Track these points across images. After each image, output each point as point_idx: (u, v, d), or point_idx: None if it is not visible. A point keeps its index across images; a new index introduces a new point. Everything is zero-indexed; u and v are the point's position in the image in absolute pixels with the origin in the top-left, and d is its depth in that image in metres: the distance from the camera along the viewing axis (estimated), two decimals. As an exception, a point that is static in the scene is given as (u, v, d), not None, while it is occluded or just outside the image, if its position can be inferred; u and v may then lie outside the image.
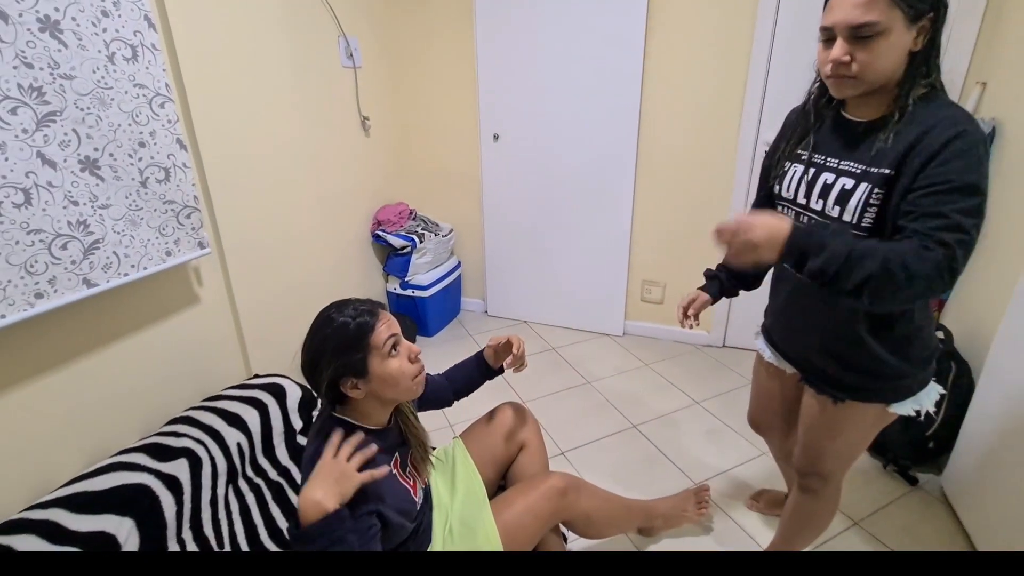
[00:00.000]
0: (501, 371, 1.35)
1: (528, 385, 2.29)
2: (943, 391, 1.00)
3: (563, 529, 1.34)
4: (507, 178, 2.68)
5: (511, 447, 1.34)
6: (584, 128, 2.45)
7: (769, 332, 1.21)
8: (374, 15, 2.40)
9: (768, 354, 1.20)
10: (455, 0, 2.46)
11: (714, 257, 2.55)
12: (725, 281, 1.28)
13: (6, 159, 1.00)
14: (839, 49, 0.82)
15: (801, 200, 0.96)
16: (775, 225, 0.82)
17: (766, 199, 1.15)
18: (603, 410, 2.14)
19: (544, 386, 2.30)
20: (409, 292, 2.64)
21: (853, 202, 0.86)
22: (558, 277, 2.77)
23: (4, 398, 1.09)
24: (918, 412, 0.99)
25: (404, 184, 2.81)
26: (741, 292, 1.31)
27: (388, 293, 2.74)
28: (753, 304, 1.47)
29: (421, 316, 2.69)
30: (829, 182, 0.91)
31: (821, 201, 0.92)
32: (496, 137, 2.62)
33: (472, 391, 1.35)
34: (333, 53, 2.16)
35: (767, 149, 1.15)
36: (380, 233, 2.55)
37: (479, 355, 1.34)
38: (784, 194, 1.01)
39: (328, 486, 0.86)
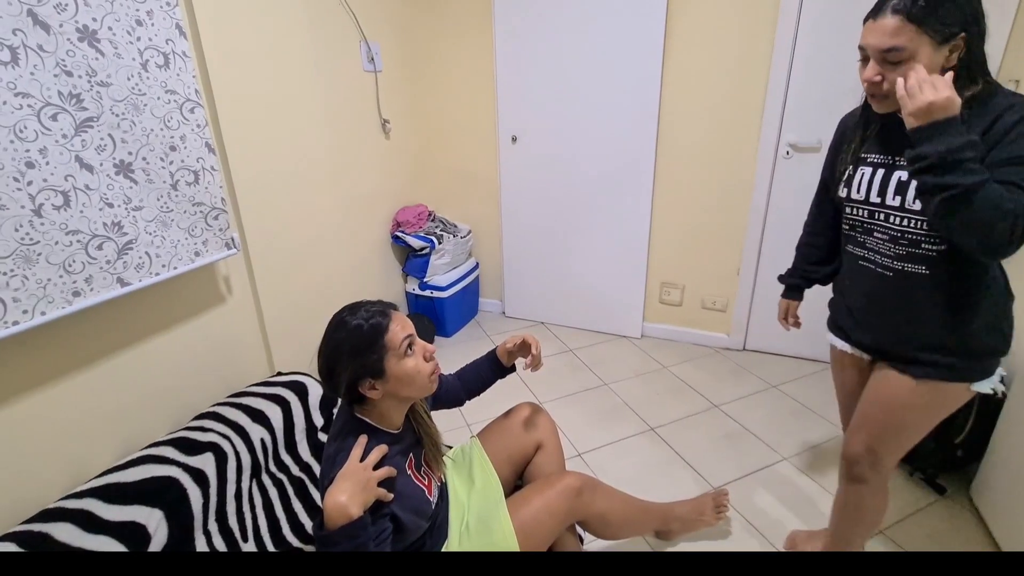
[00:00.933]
0: (512, 370, 1.36)
1: (545, 386, 2.29)
2: (1004, 372, 1.01)
3: (580, 530, 1.34)
4: (525, 180, 2.69)
5: (528, 447, 1.35)
6: (602, 129, 2.45)
7: (840, 322, 1.19)
8: (395, 20, 2.44)
9: (840, 344, 1.20)
10: (474, 4, 2.49)
11: (732, 260, 2.52)
12: (805, 284, 1.35)
13: (47, 163, 1.05)
14: (871, 70, 0.90)
15: (875, 199, 1.00)
16: (953, 101, 0.81)
17: (829, 206, 1.19)
18: (620, 412, 2.13)
19: (561, 387, 2.30)
20: (428, 292, 2.67)
21: None
22: (576, 278, 2.77)
23: (44, 393, 1.14)
24: (994, 391, 1.01)
25: (423, 186, 2.84)
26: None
27: (407, 293, 2.77)
28: (773, 308, 1.46)
29: (439, 316, 2.71)
30: (904, 179, 0.95)
31: (899, 197, 0.95)
32: (514, 139, 2.63)
33: (484, 390, 1.36)
34: (355, 58, 2.20)
35: (824, 161, 1.19)
36: (399, 234, 2.58)
37: (491, 354, 1.35)
38: (854, 196, 1.04)
39: (353, 491, 0.88)
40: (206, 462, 1.24)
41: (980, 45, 0.87)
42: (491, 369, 1.34)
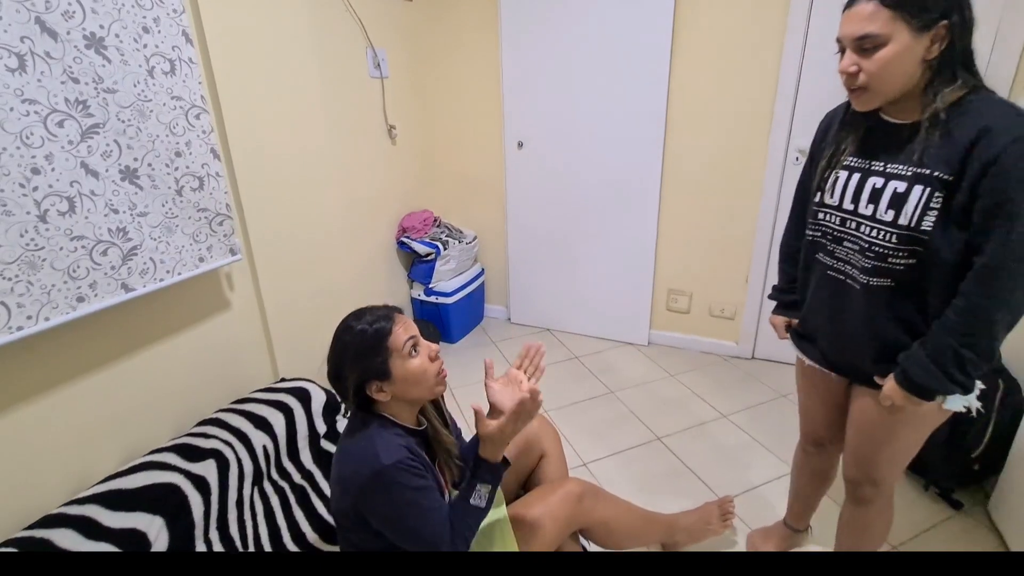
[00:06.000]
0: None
1: (550, 394, 2.27)
2: (983, 386, 0.96)
3: (583, 541, 1.32)
4: (531, 185, 2.69)
5: (531, 456, 1.34)
6: (609, 135, 2.44)
7: (807, 336, 1.15)
8: (401, 26, 2.45)
9: (808, 360, 1.16)
10: (480, 10, 2.49)
11: (741, 267, 2.48)
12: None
13: (53, 169, 1.05)
14: (846, 60, 0.87)
15: (848, 206, 0.96)
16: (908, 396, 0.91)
17: (803, 214, 1.13)
18: (627, 421, 2.10)
19: (567, 395, 2.28)
20: (433, 299, 2.66)
21: (910, 206, 0.86)
22: (582, 285, 2.75)
23: (48, 398, 1.14)
24: (968, 408, 0.96)
25: (429, 191, 2.84)
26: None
27: (412, 299, 2.76)
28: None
29: (444, 323, 2.70)
30: (878, 186, 0.91)
31: (871, 206, 0.92)
32: (520, 144, 2.63)
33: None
34: (361, 64, 2.21)
35: (804, 163, 1.16)
36: (405, 240, 2.58)
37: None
38: (828, 201, 1.00)
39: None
40: (208, 469, 1.23)
41: (965, 37, 0.82)
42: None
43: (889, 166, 0.90)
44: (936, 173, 0.83)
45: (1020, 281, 0.81)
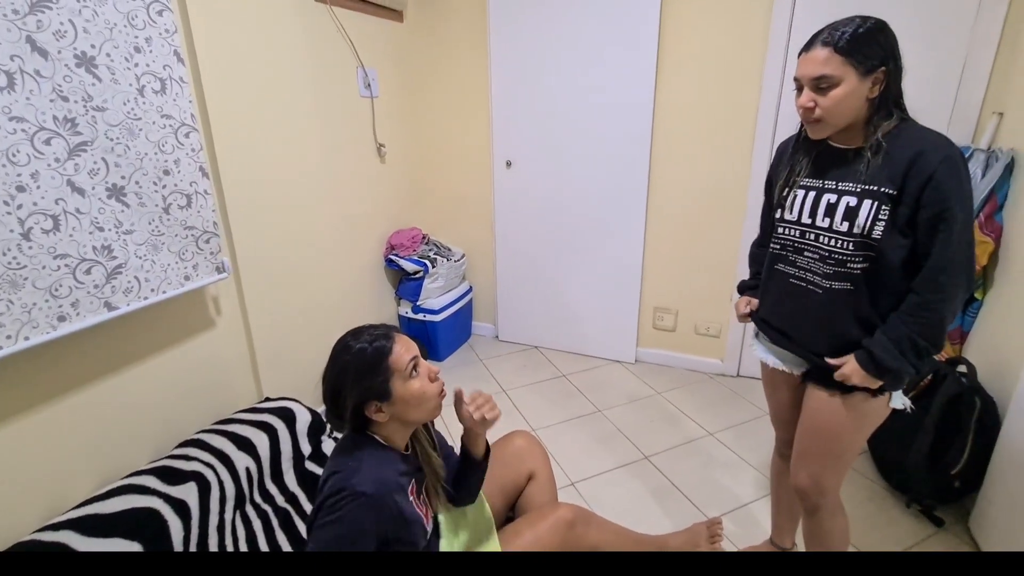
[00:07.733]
0: (483, 461, 1.17)
1: (538, 413, 2.26)
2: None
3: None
4: (519, 204, 2.71)
5: (520, 477, 1.33)
6: (596, 155, 2.48)
7: (769, 337, 1.22)
8: (391, 47, 2.48)
9: (772, 361, 1.24)
10: (470, 31, 2.54)
11: (726, 286, 2.51)
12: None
13: (38, 187, 1.04)
14: (804, 97, 0.99)
15: (807, 220, 1.07)
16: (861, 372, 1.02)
17: (768, 225, 1.23)
18: (614, 440, 2.10)
19: (554, 414, 2.27)
20: (420, 316, 2.65)
21: (861, 218, 0.98)
22: (569, 303, 2.77)
23: (24, 419, 1.11)
24: (904, 407, 1.06)
25: (418, 209, 2.86)
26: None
27: (400, 317, 2.75)
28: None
29: (432, 340, 2.69)
30: (832, 201, 1.03)
31: (828, 219, 1.03)
32: (509, 164, 2.66)
33: (460, 483, 1.17)
34: (351, 84, 2.23)
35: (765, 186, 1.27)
36: (393, 257, 2.58)
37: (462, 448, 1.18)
38: (788, 216, 1.11)
39: None
40: (188, 492, 1.21)
41: (898, 80, 0.97)
42: (460, 460, 1.19)
43: (840, 184, 1.02)
44: (883, 189, 0.96)
45: (961, 278, 0.95)
